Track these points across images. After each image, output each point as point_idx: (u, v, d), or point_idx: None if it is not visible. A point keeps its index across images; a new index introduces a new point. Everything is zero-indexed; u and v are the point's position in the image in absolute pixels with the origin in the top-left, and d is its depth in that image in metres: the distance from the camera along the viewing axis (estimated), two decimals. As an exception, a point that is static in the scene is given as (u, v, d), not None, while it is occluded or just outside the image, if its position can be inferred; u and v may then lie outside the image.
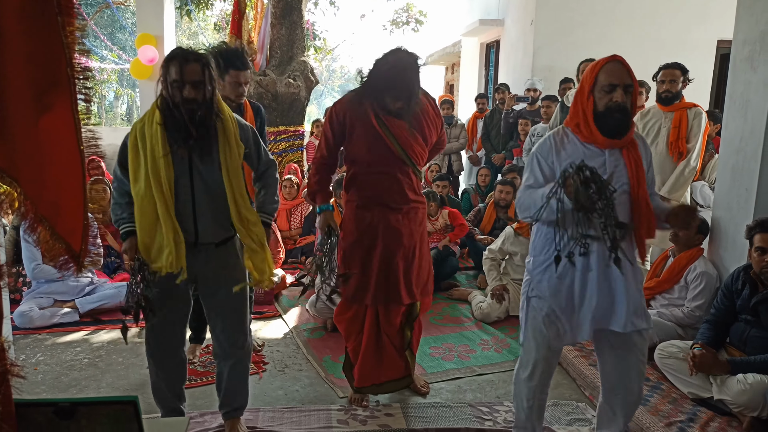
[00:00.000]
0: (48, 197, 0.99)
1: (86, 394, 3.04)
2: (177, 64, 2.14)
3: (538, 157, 2.22)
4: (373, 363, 2.87)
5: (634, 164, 2.13)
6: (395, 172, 2.72)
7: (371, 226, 2.73)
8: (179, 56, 2.16)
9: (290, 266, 5.48)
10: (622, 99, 2.08)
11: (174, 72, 2.15)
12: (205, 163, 2.25)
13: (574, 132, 2.19)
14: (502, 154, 7.02)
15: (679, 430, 2.65)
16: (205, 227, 2.29)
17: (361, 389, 2.91)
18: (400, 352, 2.91)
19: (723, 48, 7.88)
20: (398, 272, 2.75)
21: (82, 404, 1.22)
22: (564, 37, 7.78)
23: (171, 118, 2.17)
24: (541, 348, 2.26)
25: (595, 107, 2.12)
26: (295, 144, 7.64)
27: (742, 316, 2.97)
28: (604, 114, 2.09)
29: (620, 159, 2.14)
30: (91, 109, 1.07)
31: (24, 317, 3.84)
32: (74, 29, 0.92)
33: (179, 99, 2.15)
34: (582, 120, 2.15)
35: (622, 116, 2.08)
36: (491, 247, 4.59)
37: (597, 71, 2.13)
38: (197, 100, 2.16)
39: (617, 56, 2.13)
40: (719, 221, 3.59)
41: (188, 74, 2.15)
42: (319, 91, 28.19)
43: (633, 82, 2.10)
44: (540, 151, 2.23)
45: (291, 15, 7.76)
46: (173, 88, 2.16)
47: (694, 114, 4.05)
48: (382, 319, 2.84)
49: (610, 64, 2.11)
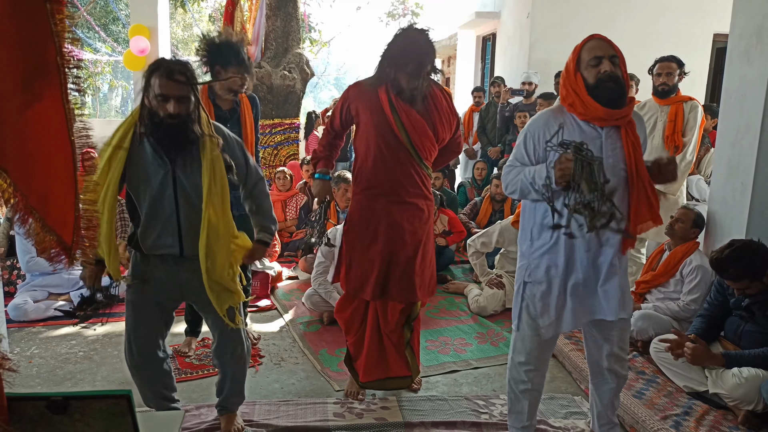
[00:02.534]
0: (38, 189, 0.97)
1: (81, 387, 3.03)
2: (161, 78, 2.05)
3: (527, 134, 2.19)
4: (376, 358, 2.86)
5: (632, 146, 2.10)
6: (401, 163, 2.64)
7: (374, 220, 2.69)
8: (163, 68, 2.06)
9: (286, 259, 5.46)
10: (611, 68, 2.05)
11: (158, 86, 2.05)
12: (187, 176, 2.17)
13: (569, 111, 2.15)
14: (498, 147, 7.02)
15: (675, 423, 2.66)
16: (189, 240, 2.22)
17: (366, 384, 2.91)
18: (399, 350, 2.88)
19: (719, 42, 7.88)
20: (398, 270, 2.71)
21: (74, 398, 1.21)
22: (560, 30, 7.75)
23: (153, 131, 2.10)
24: (536, 334, 2.26)
25: (585, 83, 2.09)
26: (290, 137, 7.62)
27: (736, 312, 2.97)
28: (597, 86, 2.06)
29: (618, 140, 2.11)
30: (84, 100, 1.05)
31: (18, 310, 3.82)
32: (64, 17, 0.90)
33: (163, 114, 2.07)
34: (575, 98, 2.11)
35: (614, 85, 2.05)
36: (472, 241, 4.55)
37: (578, 51, 2.11)
38: (181, 114, 2.08)
39: (597, 34, 2.12)
40: (715, 215, 3.59)
41: (172, 89, 2.05)
42: (314, 83, 28.06)
43: (617, 53, 2.08)
44: (532, 127, 2.19)
45: (286, 6, 7.72)
46: (157, 102, 2.07)
47: (690, 107, 4.04)
48: (380, 315, 2.82)
49: (591, 41, 2.10)
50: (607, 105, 2.06)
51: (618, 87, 2.06)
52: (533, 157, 2.18)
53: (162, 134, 2.10)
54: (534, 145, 2.17)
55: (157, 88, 2.06)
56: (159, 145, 2.12)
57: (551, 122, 2.14)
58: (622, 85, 2.07)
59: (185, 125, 2.10)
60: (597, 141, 2.10)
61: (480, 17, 9.86)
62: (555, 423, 2.75)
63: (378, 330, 2.85)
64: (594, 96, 2.07)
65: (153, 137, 2.12)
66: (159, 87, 2.05)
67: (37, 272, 4.07)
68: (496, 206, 5.64)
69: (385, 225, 2.68)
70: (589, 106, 2.08)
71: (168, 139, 2.10)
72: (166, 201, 2.17)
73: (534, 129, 2.18)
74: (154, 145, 2.14)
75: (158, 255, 2.26)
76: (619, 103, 2.07)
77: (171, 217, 2.19)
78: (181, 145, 2.12)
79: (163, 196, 2.17)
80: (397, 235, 2.68)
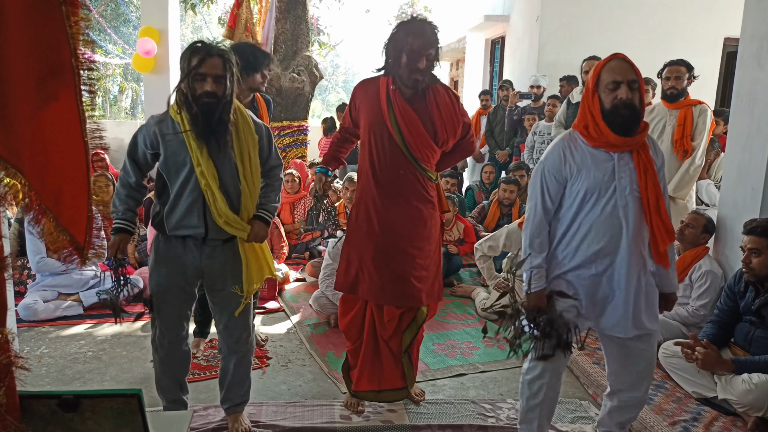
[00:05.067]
0: (52, 188, 0.98)
1: (90, 387, 3.05)
2: (199, 57, 2.13)
3: (546, 175, 2.17)
4: (371, 368, 2.78)
5: (644, 169, 2.09)
6: (398, 166, 2.55)
7: (370, 221, 2.61)
8: (202, 49, 2.15)
9: (294, 261, 5.47)
10: (627, 96, 2.04)
11: (195, 65, 2.14)
12: (219, 159, 2.24)
13: (582, 135, 2.15)
14: (506, 150, 7.01)
15: (684, 429, 2.64)
16: (214, 222, 2.29)
17: (358, 393, 2.82)
18: (396, 359, 2.77)
19: (729, 45, 7.84)
20: (395, 273, 2.60)
21: (86, 397, 1.22)
22: (569, 34, 7.75)
23: (189, 110, 2.17)
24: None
25: (602, 106, 2.09)
26: (298, 139, 7.63)
27: (746, 317, 2.95)
28: (612, 112, 2.06)
29: (629, 163, 2.10)
30: (96, 101, 1.06)
31: (28, 310, 3.86)
32: (78, 19, 0.91)
33: (199, 92, 2.15)
34: (590, 121, 2.11)
35: (629, 113, 2.04)
36: (480, 245, 4.53)
37: (599, 70, 2.10)
38: (217, 94, 2.16)
39: (619, 54, 2.10)
40: (725, 220, 3.57)
41: (210, 68, 2.13)
42: (323, 86, 28.16)
43: (637, 78, 2.06)
44: (548, 165, 2.18)
45: (296, 9, 7.75)
46: (194, 81, 2.15)
47: (699, 111, 4.02)
48: (377, 320, 2.72)
49: (612, 62, 2.09)
50: (620, 132, 2.06)
51: (632, 115, 2.05)
52: (554, 197, 2.18)
53: (197, 114, 2.16)
54: (557, 182, 2.16)
55: (194, 66, 2.14)
56: (193, 124, 2.18)
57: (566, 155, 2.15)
58: (638, 113, 2.06)
59: (220, 106, 2.17)
60: (609, 164, 2.10)
61: (489, 20, 9.85)
62: (562, 428, 2.74)
63: (375, 337, 2.76)
64: (608, 122, 2.07)
65: (188, 116, 2.18)
66: (196, 65, 2.13)
67: (47, 272, 4.11)
68: (504, 210, 5.63)
69: (382, 226, 2.59)
70: (602, 131, 2.08)
71: (202, 118, 2.16)
72: (196, 181, 2.24)
73: (553, 167, 2.17)
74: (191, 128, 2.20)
75: (180, 238, 2.32)
76: (632, 130, 2.07)
77: (198, 198, 2.25)
78: (214, 126, 2.18)
79: (192, 176, 2.24)
80: (393, 237, 2.59)
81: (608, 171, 2.08)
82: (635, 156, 2.10)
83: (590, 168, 2.10)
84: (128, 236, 2.34)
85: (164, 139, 2.24)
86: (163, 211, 2.31)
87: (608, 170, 2.08)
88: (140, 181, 2.36)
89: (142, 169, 2.35)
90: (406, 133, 2.51)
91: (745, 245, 2.88)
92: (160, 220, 2.33)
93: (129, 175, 2.33)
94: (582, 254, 2.14)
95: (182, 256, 2.35)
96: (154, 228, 2.38)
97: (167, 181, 2.29)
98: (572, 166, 2.13)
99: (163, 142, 2.24)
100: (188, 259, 2.35)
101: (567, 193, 2.16)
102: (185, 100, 2.18)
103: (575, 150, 2.15)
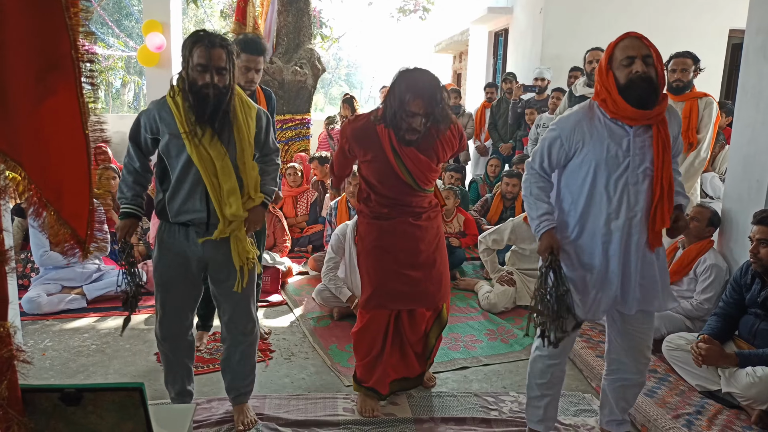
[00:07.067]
0: (52, 182, 0.98)
1: (94, 380, 3.06)
2: (203, 48, 2.14)
3: (560, 138, 2.17)
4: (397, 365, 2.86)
5: (662, 146, 2.08)
6: (403, 194, 2.66)
7: (386, 239, 2.69)
8: (205, 40, 2.16)
9: (297, 254, 5.47)
10: (643, 69, 2.02)
11: (198, 56, 2.15)
12: (217, 146, 2.25)
13: (601, 106, 2.14)
14: (510, 143, 6.98)
15: (687, 422, 2.63)
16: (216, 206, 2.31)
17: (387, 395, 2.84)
18: (421, 359, 2.92)
19: (735, 38, 7.78)
20: (422, 277, 2.71)
21: (88, 390, 1.22)
22: (573, 26, 7.70)
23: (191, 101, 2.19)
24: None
25: (617, 82, 2.07)
26: (301, 132, 7.61)
27: (752, 309, 2.94)
28: (628, 86, 2.04)
29: (647, 139, 2.09)
30: (97, 94, 1.06)
31: (32, 303, 3.87)
32: (78, 10, 0.90)
33: (202, 83, 2.16)
34: (607, 95, 2.10)
35: (646, 85, 2.02)
36: (483, 238, 4.52)
37: (612, 49, 2.10)
38: (219, 85, 2.17)
39: (631, 32, 2.09)
40: (730, 213, 3.55)
41: (214, 59, 2.15)
42: (325, 79, 28.08)
43: (652, 52, 2.04)
44: (563, 131, 2.17)
45: (298, 2, 7.72)
46: (197, 72, 2.16)
47: (704, 104, 3.99)
48: (407, 327, 2.82)
49: (626, 40, 2.08)
50: (637, 105, 2.04)
51: (649, 87, 2.03)
52: (554, 160, 2.19)
53: (198, 103, 2.17)
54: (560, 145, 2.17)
55: (198, 58, 2.15)
56: (195, 114, 2.19)
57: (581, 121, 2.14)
58: (655, 85, 2.04)
59: (222, 96, 2.19)
60: (624, 140, 2.09)
61: (492, 12, 9.80)
62: (565, 420, 2.74)
63: (400, 343, 2.86)
64: (624, 96, 2.05)
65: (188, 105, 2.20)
66: (199, 57, 2.15)
67: (51, 266, 4.11)
68: (507, 203, 5.61)
69: (399, 240, 2.68)
70: (620, 105, 2.07)
71: (204, 108, 2.18)
72: (195, 171, 2.26)
73: (566, 128, 2.16)
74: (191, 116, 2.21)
75: (184, 227, 2.34)
76: (650, 103, 2.05)
77: (200, 181, 2.27)
78: (216, 115, 2.20)
79: (193, 167, 2.25)
80: (412, 247, 2.69)
81: (623, 147, 2.07)
82: (655, 131, 2.08)
83: (604, 140, 2.09)
84: (137, 221, 2.37)
85: (164, 123, 2.25)
86: (165, 197, 2.32)
87: (623, 146, 2.08)
88: (145, 166, 2.38)
89: (144, 153, 2.37)
90: (416, 172, 2.60)
91: (754, 235, 2.87)
92: (162, 207, 2.34)
93: (133, 161, 2.35)
94: (588, 228, 2.16)
95: (186, 249, 2.36)
96: (157, 216, 2.40)
97: (168, 165, 2.31)
98: (584, 137, 2.12)
99: (163, 126, 2.26)
100: (192, 251, 2.36)
101: (575, 165, 2.16)
102: (187, 88, 2.20)
103: (591, 121, 2.14)
